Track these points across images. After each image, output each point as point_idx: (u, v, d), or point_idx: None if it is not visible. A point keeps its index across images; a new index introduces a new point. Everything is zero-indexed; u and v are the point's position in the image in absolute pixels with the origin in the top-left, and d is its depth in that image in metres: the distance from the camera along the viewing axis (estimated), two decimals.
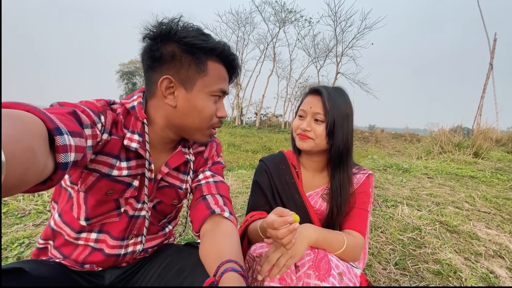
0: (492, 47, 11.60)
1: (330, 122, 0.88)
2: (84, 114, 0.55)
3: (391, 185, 3.13)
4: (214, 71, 0.68)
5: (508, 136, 8.58)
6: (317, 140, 0.91)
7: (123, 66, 29.94)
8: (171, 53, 0.64)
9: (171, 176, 0.79)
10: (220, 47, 0.67)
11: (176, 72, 0.65)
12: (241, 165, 5.92)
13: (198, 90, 0.66)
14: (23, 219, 1.73)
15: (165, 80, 0.65)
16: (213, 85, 0.68)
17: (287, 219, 0.62)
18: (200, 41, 0.64)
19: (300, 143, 0.94)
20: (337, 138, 0.90)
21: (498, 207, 2.51)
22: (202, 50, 0.65)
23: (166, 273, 0.75)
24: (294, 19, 18.22)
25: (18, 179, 0.32)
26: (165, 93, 0.66)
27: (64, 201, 0.71)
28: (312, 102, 0.91)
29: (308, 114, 0.92)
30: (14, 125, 0.33)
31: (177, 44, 0.64)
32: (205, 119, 0.69)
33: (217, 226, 0.70)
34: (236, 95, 19.06)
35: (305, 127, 0.91)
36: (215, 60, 0.68)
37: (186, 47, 0.64)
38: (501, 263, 1.59)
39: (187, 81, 0.66)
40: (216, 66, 0.68)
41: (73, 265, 0.71)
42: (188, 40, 0.63)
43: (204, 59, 0.66)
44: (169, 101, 0.67)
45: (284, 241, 0.64)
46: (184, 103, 0.67)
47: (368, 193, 0.97)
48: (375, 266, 1.48)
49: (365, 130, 17.94)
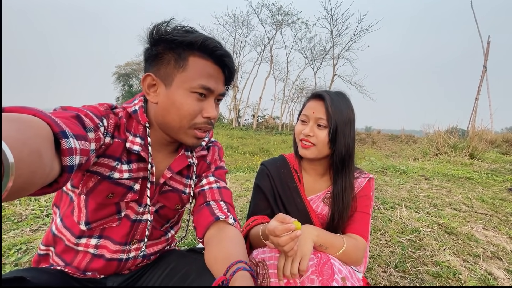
0: (485, 49, 11.77)
1: (332, 127, 0.88)
2: (87, 117, 0.55)
3: (389, 187, 3.15)
4: (195, 67, 0.65)
5: (503, 137, 8.70)
6: (319, 146, 0.91)
7: (120, 68, 29.80)
8: (156, 51, 0.66)
9: (174, 180, 0.78)
10: (200, 40, 0.63)
11: (158, 69, 0.66)
12: (239, 167, 5.91)
13: (176, 86, 0.65)
14: (20, 224, 1.71)
15: (147, 78, 0.66)
16: (192, 81, 0.65)
17: (289, 227, 0.62)
18: (179, 36, 0.64)
19: (303, 152, 0.94)
20: (339, 144, 0.90)
21: (495, 208, 2.53)
22: (181, 44, 0.64)
23: (170, 279, 0.74)
24: (291, 21, 18.35)
25: (25, 182, 0.32)
26: (148, 90, 0.67)
27: (66, 205, 0.71)
28: (315, 107, 0.91)
29: (311, 119, 0.92)
30: (21, 129, 0.34)
31: (164, 43, 0.65)
32: (184, 116, 0.66)
33: (222, 232, 0.70)
34: (233, 97, 19.06)
35: (307, 132, 0.91)
36: (198, 56, 0.65)
37: (168, 44, 0.65)
38: (499, 264, 1.60)
39: (166, 77, 0.66)
40: (200, 61, 0.65)
41: (75, 272, 0.70)
42: (168, 36, 0.64)
43: (185, 55, 0.64)
44: (151, 98, 0.68)
45: (285, 248, 0.64)
46: (164, 99, 0.66)
47: (369, 197, 0.97)
48: (375, 269, 1.48)
49: (362, 132, 18.05)
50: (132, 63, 28.62)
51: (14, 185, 0.31)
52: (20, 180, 0.31)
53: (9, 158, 0.29)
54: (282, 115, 20.00)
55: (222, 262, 0.62)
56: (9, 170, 0.29)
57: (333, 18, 17.15)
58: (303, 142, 0.93)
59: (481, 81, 11.64)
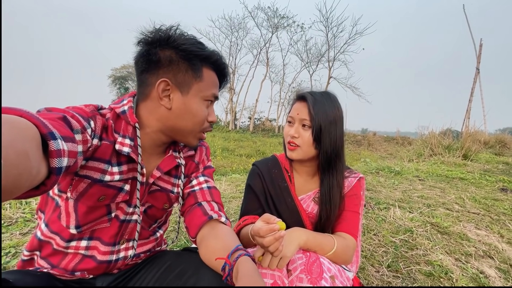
0: (478, 52, 11.96)
1: (316, 127, 0.89)
2: (74, 119, 0.54)
3: (383, 188, 3.17)
4: (208, 77, 0.72)
5: (496, 138, 8.82)
6: (304, 147, 0.91)
7: (115, 71, 29.65)
8: (169, 58, 0.68)
9: (163, 180, 0.79)
10: (215, 56, 0.73)
11: (173, 76, 0.68)
12: (235, 169, 5.89)
13: (193, 94, 0.70)
14: (9, 228, 1.68)
15: (162, 83, 0.68)
16: (207, 90, 0.72)
17: (273, 227, 0.62)
18: (197, 49, 0.69)
19: (289, 154, 0.95)
20: (324, 143, 0.90)
21: (487, 208, 2.56)
22: (199, 57, 0.70)
23: (166, 276, 0.74)
24: (287, 24, 18.44)
25: (11, 184, 0.32)
26: (161, 95, 0.68)
27: (51, 210, 0.70)
28: (298, 109, 0.93)
29: (296, 120, 0.93)
30: (7, 130, 0.33)
31: (175, 50, 0.68)
32: (197, 122, 0.72)
33: (215, 230, 0.72)
34: (230, 100, 19.07)
35: (293, 133, 0.92)
36: (208, 67, 0.73)
37: (184, 54, 0.68)
38: (491, 263, 1.62)
39: (184, 85, 0.69)
40: (210, 73, 0.73)
41: (62, 273, 0.69)
42: (186, 47, 0.68)
43: (199, 66, 0.70)
44: (165, 103, 0.69)
45: (270, 249, 0.64)
46: (180, 106, 0.69)
47: (359, 196, 0.98)
48: (368, 268, 1.49)
49: (358, 134, 18.14)
50: (128, 66, 28.48)
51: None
52: (6, 182, 0.31)
53: None
54: (278, 118, 20.04)
55: (221, 252, 0.64)
56: None
57: (328, 21, 17.28)
58: (290, 144, 0.94)
59: (474, 83, 11.80)
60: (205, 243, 0.70)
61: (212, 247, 0.68)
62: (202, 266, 0.69)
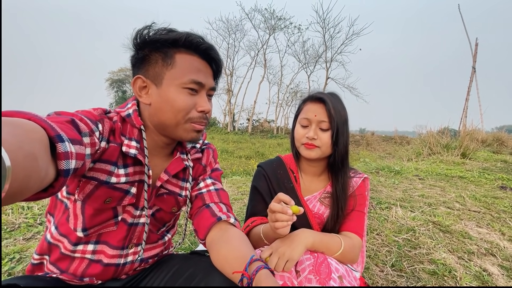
0: (474, 51, 12.07)
1: (335, 129, 0.89)
2: (82, 122, 0.55)
3: (384, 188, 3.18)
4: (183, 63, 0.67)
5: (493, 136, 8.88)
6: (323, 148, 0.92)
7: (113, 74, 29.60)
8: (142, 54, 0.67)
9: (171, 183, 0.79)
10: (183, 36, 0.66)
11: (146, 70, 0.67)
12: (235, 171, 5.89)
13: (167, 84, 0.66)
14: (12, 233, 1.67)
15: (137, 80, 0.68)
16: (182, 77, 0.66)
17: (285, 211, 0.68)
18: (162, 35, 0.66)
19: (307, 153, 0.93)
20: (340, 144, 0.91)
21: (487, 206, 2.58)
22: (166, 43, 0.66)
23: (175, 280, 0.73)
24: (284, 26, 18.55)
25: (19, 186, 0.32)
26: (139, 92, 0.68)
27: (60, 213, 0.70)
28: (316, 110, 0.91)
29: (313, 122, 0.92)
30: (15, 133, 0.34)
31: (148, 45, 0.67)
32: (178, 111, 0.67)
33: (226, 232, 0.71)
34: (228, 101, 19.10)
35: (312, 135, 0.91)
36: (184, 52, 0.67)
37: (153, 46, 0.67)
38: (493, 261, 1.63)
39: (156, 77, 0.67)
40: (186, 57, 0.67)
41: (71, 279, 0.69)
42: (152, 37, 0.66)
43: (171, 53, 0.66)
44: (144, 100, 0.68)
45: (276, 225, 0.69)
46: (157, 99, 0.67)
47: (364, 196, 0.99)
48: (373, 268, 1.49)
49: (356, 134, 18.19)
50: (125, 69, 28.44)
51: (9, 189, 0.30)
52: (15, 184, 0.31)
53: (6, 162, 0.29)
54: (276, 119, 20.09)
55: (234, 261, 0.63)
56: (5, 174, 0.29)
57: (325, 22, 17.41)
58: (307, 144, 0.93)
59: (470, 82, 11.90)
60: (217, 248, 0.69)
61: (224, 254, 0.66)
62: (212, 270, 0.68)
